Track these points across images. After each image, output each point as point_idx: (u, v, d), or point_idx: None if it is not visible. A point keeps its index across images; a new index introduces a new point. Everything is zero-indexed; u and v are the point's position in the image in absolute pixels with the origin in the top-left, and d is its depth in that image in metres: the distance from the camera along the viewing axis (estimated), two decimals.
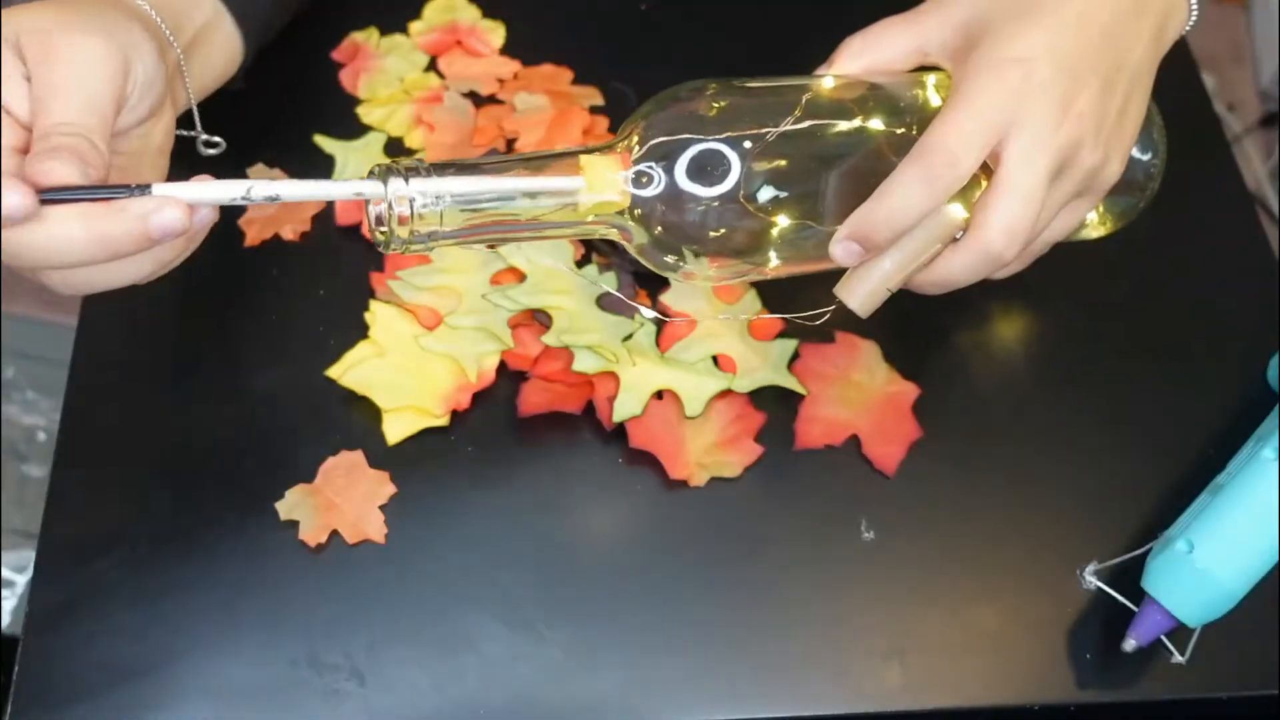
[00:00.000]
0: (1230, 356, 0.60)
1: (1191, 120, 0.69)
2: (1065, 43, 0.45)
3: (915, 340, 0.59)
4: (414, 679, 0.49)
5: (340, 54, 0.67)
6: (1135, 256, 0.62)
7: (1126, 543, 0.53)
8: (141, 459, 0.54)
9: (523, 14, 0.69)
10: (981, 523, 0.54)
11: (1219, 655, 0.51)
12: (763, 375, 0.56)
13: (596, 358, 0.54)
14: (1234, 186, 0.66)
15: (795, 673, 0.50)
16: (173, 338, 0.57)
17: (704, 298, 0.58)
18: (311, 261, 0.60)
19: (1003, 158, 0.45)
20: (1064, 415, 0.57)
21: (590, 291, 0.56)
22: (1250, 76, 1.58)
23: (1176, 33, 0.50)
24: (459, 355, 0.55)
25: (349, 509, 0.52)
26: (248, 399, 0.56)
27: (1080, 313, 0.61)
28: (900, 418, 0.56)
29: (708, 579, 0.52)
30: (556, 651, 0.50)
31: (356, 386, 0.55)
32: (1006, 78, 0.44)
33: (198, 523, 0.52)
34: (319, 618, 0.50)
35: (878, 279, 0.46)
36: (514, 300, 0.56)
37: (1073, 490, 0.55)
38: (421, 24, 0.68)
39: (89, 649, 0.49)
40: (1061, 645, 0.51)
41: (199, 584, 0.51)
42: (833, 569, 0.53)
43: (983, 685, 0.50)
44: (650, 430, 0.54)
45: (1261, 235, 0.65)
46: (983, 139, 0.44)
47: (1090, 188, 0.48)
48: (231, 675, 0.49)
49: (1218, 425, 0.58)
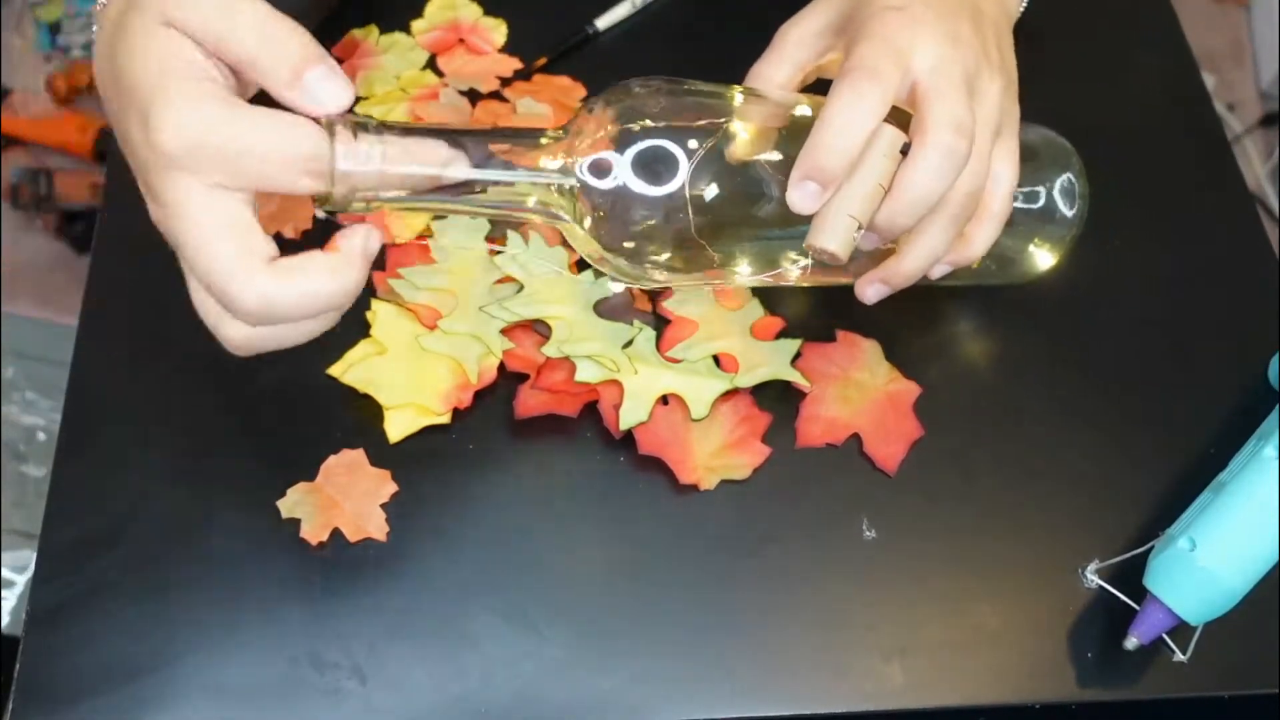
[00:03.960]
0: (1230, 356, 0.60)
1: (1191, 120, 0.69)
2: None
3: (916, 339, 0.59)
4: (415, 677, 0.49)
5: (339, 50, 0.67)
6: (1135, 256, 0.62)
7: (1127, 541, 0.53)
8: (142, 458, 0.54)
9: (524, 11, 0.69)
10: (983, 521, 0.54)
11: (1220, 654, 0.51)
12: (766, 371, 0.56)
13: (598, 367, 0.54)
14: (1234, 186, 0.66)
15: (796, 671, 0.50)
16: (173, 336, 0.57)
17: (705, 302, 0.58)
18: None
19: (917, 75, 0.47)
20: (1065, 414, 0.57)
21: (588, 299, 0.56)
22: (1250, 76, 1.58)
23: (1017, 7, 0.57)
24: (460, 354, 0.55)
25: (350, 507, 0.52)
26: (248, 397, 0.55)
27: (1081, 312, 0.61)
28: (901, 416, 0.56)
29: (708, 578, 0.52)
30: (558, 649, 0.50)
31: (358, 384, 0.55)
32: (892, 19, 0.48)
33: (199, 521, 0.52)
34: (320, 616, 0.50)
35: (844, 211, 0.46)
36: (511, 311, 0.56)
37: (1074, 489, 0.55)
38: (424, 22, 0.68)
39: (90, 647, 0.49)
40: (1063, 644, 0.51)
41: (200, 583, 0.51)
42: (834, 568, 0.53)
43: (984, 684, 0.50)
44: (658, 435, 0.54)
45: (1261, 235, 0.65)
46: (894, 58, 0.47)
47: (1004, 124, 0.50)
48: (232, 674, 0.49)
49: (1218, 424, 0.58)
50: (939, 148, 0.46)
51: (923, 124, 0.47)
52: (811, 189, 0.46)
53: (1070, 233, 0.57)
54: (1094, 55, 0.71)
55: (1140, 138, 0.67)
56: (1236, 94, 1.55)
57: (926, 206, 0.47)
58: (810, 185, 0.46)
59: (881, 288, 0.53)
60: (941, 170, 0.47)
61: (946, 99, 0.47)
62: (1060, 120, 0.57)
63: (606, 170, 0.46)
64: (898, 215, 0.47)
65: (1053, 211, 0.56)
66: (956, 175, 0.47)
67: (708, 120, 0.47)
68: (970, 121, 0.47)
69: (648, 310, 0.58)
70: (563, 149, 0.47)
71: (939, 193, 0.47)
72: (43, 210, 1.34)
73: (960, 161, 0.47)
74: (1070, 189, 0.56)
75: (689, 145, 0.47)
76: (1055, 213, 0.56)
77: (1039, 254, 0.57)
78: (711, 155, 0.47)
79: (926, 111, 0.47)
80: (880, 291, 0.53)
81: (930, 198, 0.47)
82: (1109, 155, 0.58)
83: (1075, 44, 0.71)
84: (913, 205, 0.47)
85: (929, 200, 0.47)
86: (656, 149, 0.47)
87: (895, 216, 0.47)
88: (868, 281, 0.53)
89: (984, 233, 0.52)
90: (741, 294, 0.58)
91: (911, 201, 0.47)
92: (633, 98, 0.48)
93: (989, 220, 0.52)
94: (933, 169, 0.46)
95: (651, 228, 0.47)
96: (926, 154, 0.46)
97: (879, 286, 0.53)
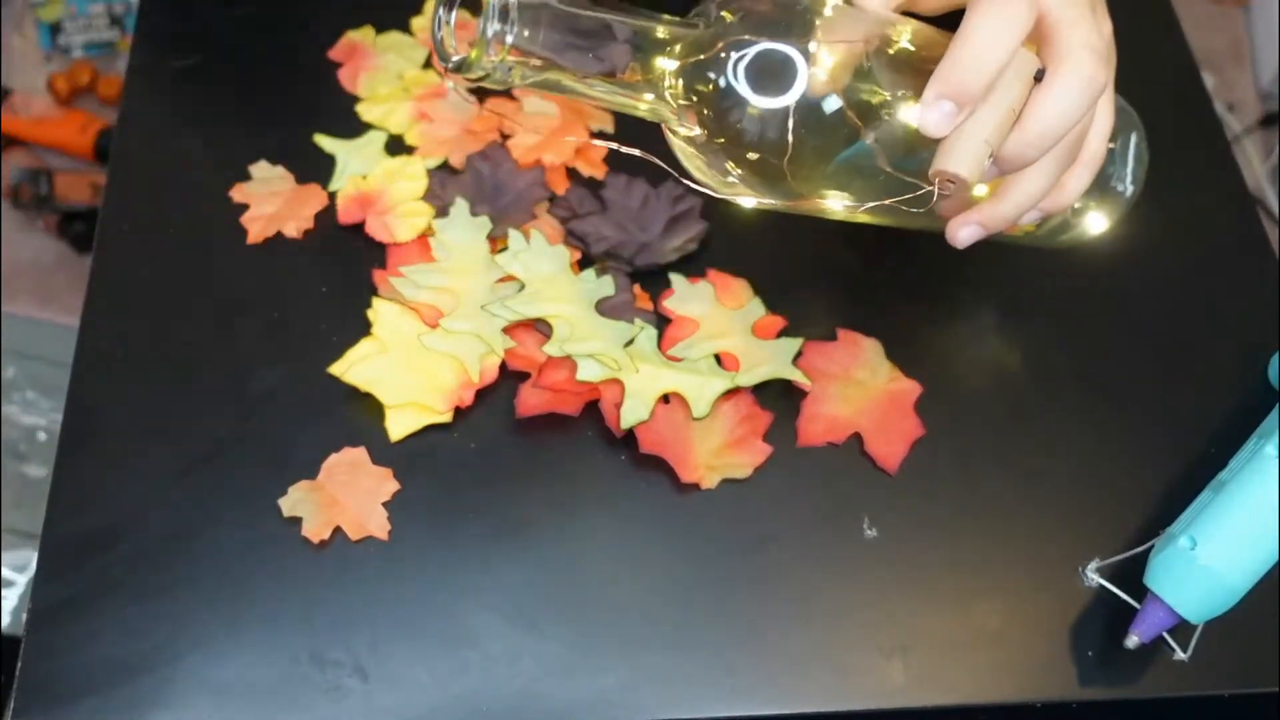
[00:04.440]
0: (1230, 356, 0.60)
1: (1191, 120, 0.69)
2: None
3: (917, 338, 0.59)
4: (416, 675, 0.49)
5: (338, 53, 0.67)
6: (1135, 256, 0.62)
7: (1128, 540, 0.53)
8: (144, 456, 0.54)
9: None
10: (983, 520, 0.54)
11: (1221, 652, 0.51)
12: (767, 369, 0.56)
13: (600, 366, 0.54)
14: (1234, 186, 0.67)
15: (797, 669, 0.50)
16: (175, 335, 0.57)
17: (707, 300, 0.58)
18: (314, 259, 0.60)
19: (1046, 5, 0.44)
20: (1065, 413, 0.57)
21: (589, 298, 0.56)
22: (1250, 76, 1.58)
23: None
24: (461, 353, 0.55)
25: (352, 506, 0.52)
26: (250, 396, 0.56)
27: (1081, 311, 0.61)
28: (902, 415, 0.56)
29: (709, 576, 0.52)
30: (559, 648, 0.50)
31: (359, 383, 0.55)
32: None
33: (200, 520, 0.52)
34: (321, 614, 0.50)
35: (979, 135, 0.43)
36: (513, 310, 0.56)
37: (1074, 487, 0.55)
38: (424, 19, 0.68)
39: (91, 646, 0.49)
40: (1064, 642, 0.51)
41: (201, 581, 0.51)
42: (835, 566, 0.53)
43: (985, 682, 0.50)
44: (659, 434, 0.54)
45: (1261, 235, 0.65)
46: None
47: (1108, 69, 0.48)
48: (234, 672, 0.49)
49: (1218, 423, 0.58)
50: (1080, 74, 0.44)
51: (1059, 50, 0.44)
52: (947, 109, 0.43)
53: (1130, 196, 0.56)
54: None
55: None
56: (1236, 94, 1.55)
57: (1057, 137, 0.45)
58: (946, 105, 0.43)
59: (977, 229, 0.50)
60: (1079, 99, 0.44)
61: (1083, 26, 0.44)
62: None
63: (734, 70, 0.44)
64: (1028, 146, 0.45)
65: (1122, 172, 0.55)
66: (1092, 105, 0.45)
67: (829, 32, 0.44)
68: (1105, 51, 0.45)
69: (649, 309, 0.58)
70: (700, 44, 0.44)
71: (1073, 122, 0.45)
72: (43, 210, 1.34)
73: (1097, 91, 0.44)
74: (1140, 153, 0.55)
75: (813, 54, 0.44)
76: (1123, 173, 0.55)
77: (1094, 217, 0.56)
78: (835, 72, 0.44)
79: (1064, 37, 0.44)
80: (975, 234, 0.50)
81: (1063, 127, 0.45)
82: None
83: None
84: (1043, 136, 0.45)
85: (1062, 130, 0.45)
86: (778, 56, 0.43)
87: (1025, 148, 0.45)
88: (963, 223, 0.50)
89: (1078, 179, 0.50)
90: (742, 293, 0.58)
91: (1043, 132, 0.44)
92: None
93: (1084, 165, 0.49)
94: (1071, 96, 0.44)
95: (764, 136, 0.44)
96: (1066, 79, 0.44)
97: (974, 228, 0.50)
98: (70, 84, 1.41)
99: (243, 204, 0.61)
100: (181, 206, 0.61)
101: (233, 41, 0.68)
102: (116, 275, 0.59)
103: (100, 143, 1.37)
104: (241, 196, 0.61)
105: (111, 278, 0.59)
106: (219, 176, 0.62)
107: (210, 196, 0.61)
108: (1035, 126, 0.44)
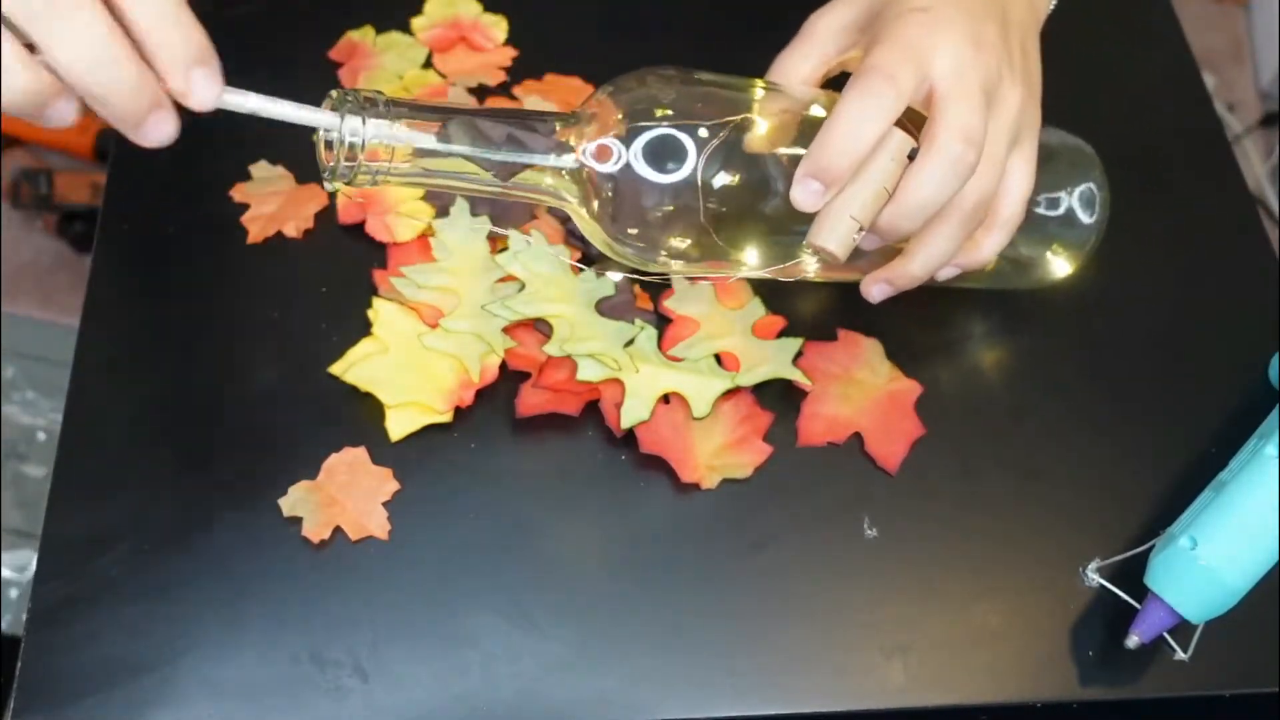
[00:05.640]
0: (1230, 356, 0.60)
1: (1191, 120, 0.69)
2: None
3: (917, 338, 0.59)
4: (417, 675, 0.49)
5: (338, 53, 0.67)
6: (1135, 256, 0.62)
7: (1128, 540, 0.53)
8: (143, 456, 0.54)
9: (525, 7, 0.69)
10: (984, 520, 0.54)
11: (1221, 652, 0.51)
12: (767, 369, 0.56)
13: (600, 366, 0.54)
14: (1234, 186, 0.67)
15: (798, 669, 0.50)
16: (174, 335, 0.57)
17: (707, 300, 0.58)
18: (314, 259, 0.60)
19: (935, 80, 0.47)
20: (1066, 413, 0.57)
21: (589, 298, 0.56)
22: (1250, 76, 1.58)
23: (1045, 8, 0.55)
24: (462, 353, 0.55)
25: (352, 506, 0.52)
26: (250, 396, 0.56)
27: (1081, 311, 0.61)
28: (903, 415, 0.56)
29: (709, 576, 0.52)
30: (559, 648, 0.50)
31: (359, 383, 0.55)
32: (915, 19, 0.47)
33: (200, 519, 0.52)
34: (322, 614, 0.50)
35: (846, 214, 0.46)
36: (513, 310, 0.56)
37: (1074, 488, 0.55)
38: (424, 19, 0.68)
39: (91, 646, 0.49)
40: (1064, 642, 0.51)
41: (201, 581, 0.51)
42: (835, 566, 0.53)
43: (985, 682, 0.50)
44: (659, 434, 0.54)
45: (1262, 235, 0.65)
46: (912, 62, 0.46)
47: (1021, 132, 0.50)
48: (234, 672, 0.49)
49: (1219, 424, 0.58)
50: (945, 156, 0.46)
51: (931, 131, 0.46)
52: (814, 188, 0.46)
53: (1089, 241, 0.57)
54: (1094, 56, 0.71)
55: (1140, 138, 0.67)
56: (1236, 94, 1.55)
57: (929, 213, 0.47)
58: (813, 184, 0.46)
59: (886, 288, 0.53)
60: (945, 179, 0.46)
61: (959, 107, 0.46)
62: (1060, 121, 0.57)
63: (615, 157, 0.47)
64: (900, 219, 0.47)
65: (1072, 219, 0.56)
66: (961, 184, 0.47)
67: (719, 112, 0.47)
68: (981, 131, 0.47)
69: (649, 309, 0.58)
70: (573, 133, 0.47)
71: (942, 200, 0.47)
72: (43, 210, 1.34)
73: (966, 171, 0.46)
74: (1091, 197, 0.56)
75: (699, 135, 0.47)
76: (1075, 220, 0.56)
77: (1056, 261, 0.57)
78: (720, 147, 0.47)
79: (937, 118, 0.47)
80: (884, 291, 0.53)
81: (933, 205, 0.47)
82: (1109, 155, 0.58)
83: (1075, 44, 0.70)
84: (915, 211, 0.47)
85: (931, 207, 0.47)
86: (666, 137, 0.47)
87: (897, 220, 0.47)
88: (873, 280, 0.53)
89: (992, 239, 0.52)
90: (743, 293, 0.58)
91: (914, 207, 0.47)
92: (646, 85, 0.48)
93: (999, 227, 0.51)
94: (936, 177, 0.46)
95: (657, 216, 0.48)
96: (931, 162, 0.46)
97: (883, 286, 0.53)
98: None
99: (243, 204, 0.61)
100: (181, 206, 0.61)
101: (233, 41, 0.68)
102: (116, 275, 0.59)
103: (100, 143, 1.36)
104: (241, 196, 0.61)
105: (111, 278, 0.59)
106: (219, 176, 0.62)
107: (210, 196, 0.61)
108: (905, 203, 0.47)
